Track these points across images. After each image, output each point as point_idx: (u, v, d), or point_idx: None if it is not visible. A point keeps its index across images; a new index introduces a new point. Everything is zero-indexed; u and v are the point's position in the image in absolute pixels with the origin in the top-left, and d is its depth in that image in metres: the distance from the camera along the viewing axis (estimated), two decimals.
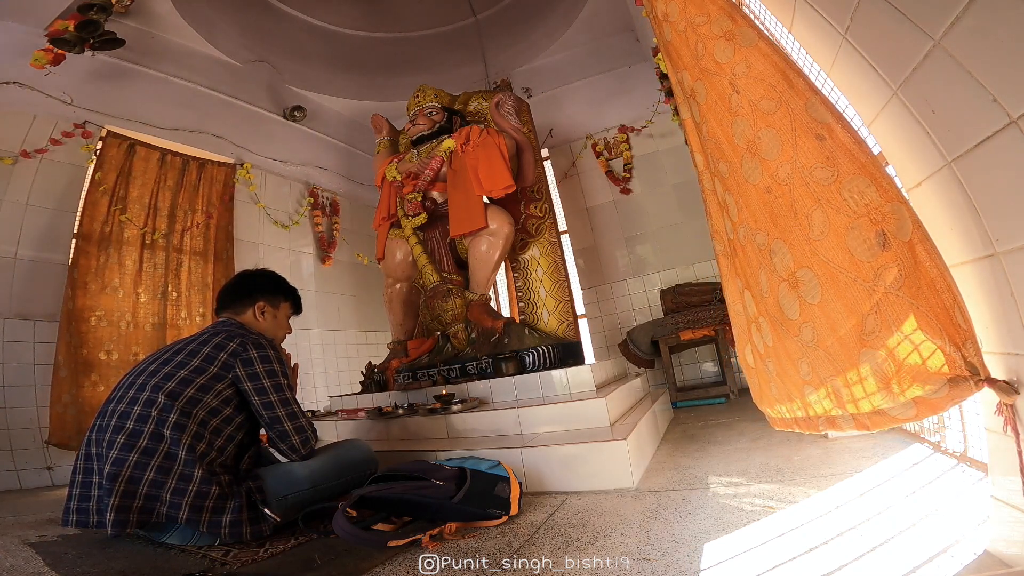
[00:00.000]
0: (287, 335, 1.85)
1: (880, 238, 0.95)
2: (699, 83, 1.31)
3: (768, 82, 1.13)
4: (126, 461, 1.30)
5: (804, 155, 1.07)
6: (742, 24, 1.22)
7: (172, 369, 1.46)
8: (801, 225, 1.09)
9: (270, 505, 1.42)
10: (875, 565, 0.91)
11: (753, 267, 1.25)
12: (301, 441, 1.57)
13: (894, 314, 0.93)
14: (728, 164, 1.25)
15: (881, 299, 0.94)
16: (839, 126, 1.03)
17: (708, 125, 1.30)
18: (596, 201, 4.67)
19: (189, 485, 1.31)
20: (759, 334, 1.30)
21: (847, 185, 1.00)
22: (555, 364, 2.57)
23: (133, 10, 3.20)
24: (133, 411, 1.37)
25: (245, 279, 1.81)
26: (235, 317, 1.71)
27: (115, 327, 3.17)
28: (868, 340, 0.97)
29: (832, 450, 1.68)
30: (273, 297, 1.78)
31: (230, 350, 1.52)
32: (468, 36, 4.70)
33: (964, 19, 0.70)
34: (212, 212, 3.82)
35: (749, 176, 1.20)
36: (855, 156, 0.99)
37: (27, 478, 2.66)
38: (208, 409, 1.43)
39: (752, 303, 1.32)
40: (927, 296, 0.88)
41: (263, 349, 1.57)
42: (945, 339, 0.86)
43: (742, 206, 1.24)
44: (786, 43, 1.58)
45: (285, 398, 1.56)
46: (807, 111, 1.07)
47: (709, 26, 1.27)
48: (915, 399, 0.91)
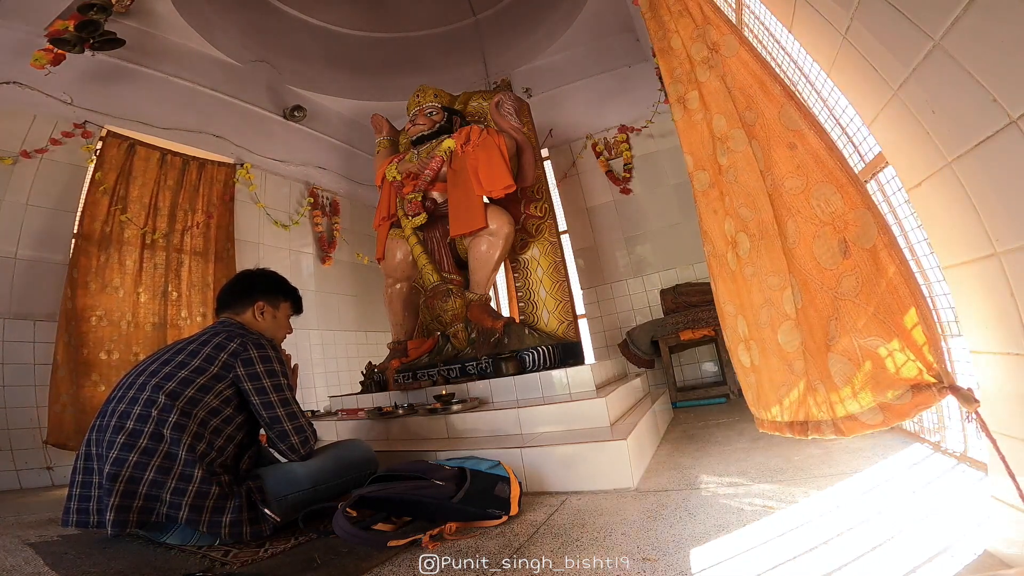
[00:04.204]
0: (287, 335, 1.84)
1: (842, 246, 0.97)
2: (705, 70, 1.32)
3: (747, 92, 1.16)
4: (126, 461, 1.29)
5: (778, 166, 1.09)
6: (726, 32, 1.23)
7: (172, 369, 1.46)
8: (779, 234, 1.12)
9: (270, 505, 1.42)
10: (875, 565, 0.91)
11: (746, 275, 1.26)
12: (300, 441, 1.56)
13: (851, 321, 0.95)
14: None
15: (840, 306, 0.96)
16: (811, 131, 1.04)
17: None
18: (596, 201, 4.67)
19: (189, 485, 1.31)
20: (755, 341, 1.30)
21: (815, 193, 1.02)
22: (555, 364, 2.57)
23: (133, 10, 3.20)
24: (133, 411, 1.37)
25: (245, 279, 1.81)
26: (235, 317, 1.71)
27: (116, 327, 3.17)
28: (832, 345, 0.99)
29: (832, 450, 1.68)
30: (273, 297, 1.77)
31: (230, 350, 1.52)
32: (468, 36, 4.70)
33: (964, 19, 0.70)
34: (212, 212, 3.81)
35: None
36: (824, 162, 1.01)
37: (27, 478, 2.66)
38: (209, 409, 1.43)
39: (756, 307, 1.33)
40: (887, 303, 0.90)
41: (263, 349, 1.57)
42: (903, 345, 0.87)
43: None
44: (786, 43, 1.59)
45: (285, 398, 1.56)
46: (780, 120, 1.09)
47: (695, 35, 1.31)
48: (880, 405, 0.92)
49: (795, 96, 1.10)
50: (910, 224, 1.33)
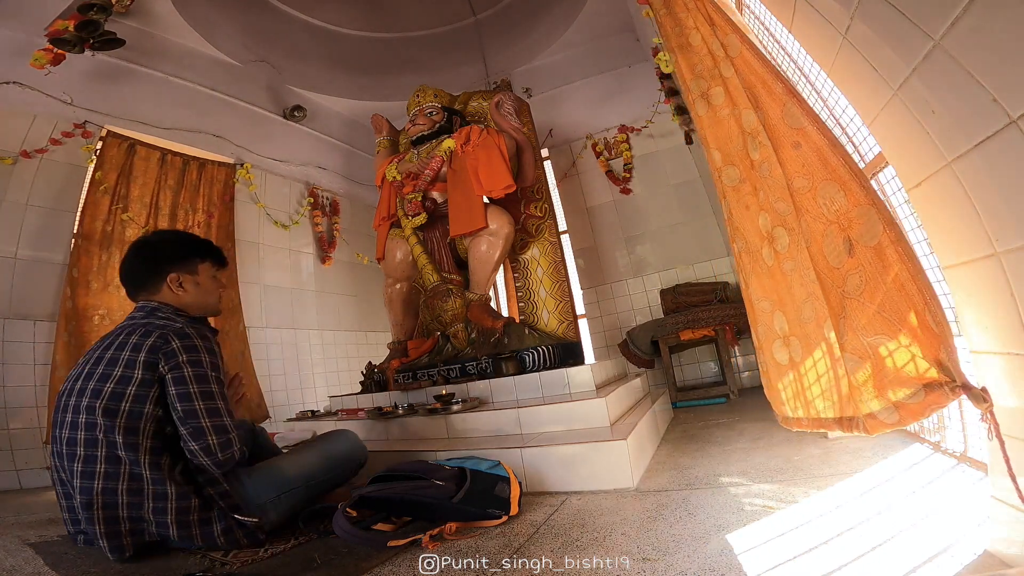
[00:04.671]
0: (221, 295, 1.58)
1: (847, 244, 0.96)
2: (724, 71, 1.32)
3: (752, 92, 1.16)
4: (92, 489, 1.22)
5: (786, 165, 1.09)
6: (729, 32, 1.23)
7: (97, 383, 1.28)
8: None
9: (244, 509, 1.35)
10: (875, 565, 0.91)
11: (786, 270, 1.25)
12: (220, 443, 1.29)
13: (856, 319, 0.94)
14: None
15: (847, 304, 0.96)
16: (813, 127, 1.04)
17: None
18: (596, 201, 4.67)
19: (167, 502, 1.24)
20: (797, 337, 1.28)
21: (820, 192, 1.01)
22: (555, 364, 2.56)
23: (133, 10, 3.19)
24: (78, 436, 1.24)
25: (142, 250, 1.49)
26: (152, 298, 1.44)
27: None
28: (844, 344, 0.98)
29: (832, 450, 1.68)
30: (186, 263, 1.47)
31: (149, 347, 1.30)
32: (468, 36, 4.70)
33: (964, 19, 0.70)
34: (213, 212, 3.82)
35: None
36: (827, 161, 1.01)
37: (27, 478, 2.65)
38: (154, 419, 1.28)
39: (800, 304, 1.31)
40: (893, 300, 0.89)
41: (187, 339, 1.34)
42: (911, 343, 0.87)
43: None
44: (786, 43, 1.59)
45: (209, 391, 1.32)
46: (784, 120, 1.08)
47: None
48: (895, 404, 0.91)
49: (797, 93, 1.10)
50: (910, 224, 1.33)
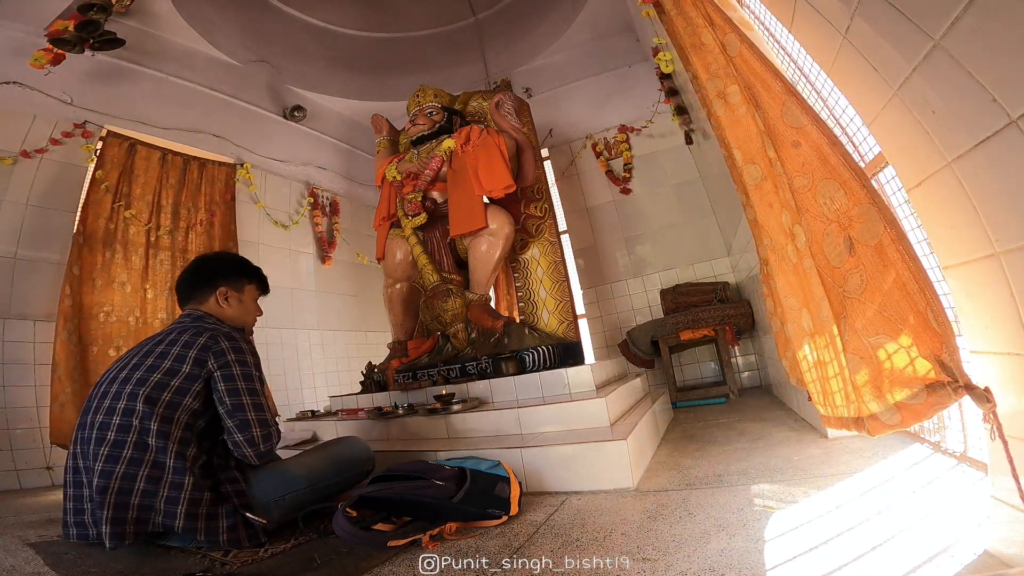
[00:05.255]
0: (258, 317, 1.74)
1: (847, 243, 0.95)
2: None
3: (752, 91, 1.15)
4: (113, 473, 1.26)
5: (786, 164, 1.08)
6: (728, 32, 1.23)
7: (144, 373, 1.38)
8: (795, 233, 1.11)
9: (254, 509, 1.38)
10: (875, 565, 0.90)
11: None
12: (262, 436, 1.43)
13: (856, 319, 0.94)
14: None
15: (848, 304, 0.95)
16: (812, 126, 1.03)
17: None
18: (596, 201, 4.67)
19: (181, 493, 1.28)
20: (820, 335, 1.28)
21: (820, 191, 1.01)
22: (555, 364, 2.56)
23: (133, 10, 3.20)
24: (112, 421, 1.31)
25: (202, 265, 1.69)
26: (199, 307, 1.61)
27: (124, 323, 3.18)
28: (846, 344, 0.98)
29: (832, 450, 1.68)
30: (236, 280, 1.65)
31: (200, 345, 1.43)
32: (468, 36, 4.70)
33: (964, 19, 0.70)
34: (215, 210, 3.82)
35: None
36: (827, 159, 1.00)
37: (27, 478, 2.66)
38: (190, 412, 1.38)
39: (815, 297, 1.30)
40: (894, 299, 0.88)
41: (234, 340, 1.49)
42: (912, 343, 0.86)
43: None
44: (786, 43, 1.58)
45: (254, 388, 1.46)
46: (783, 119, 1.08)
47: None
48: (897, 404, 0.91)
49: (795, 91, 1.10)
50: (910, 224, 1.33)
